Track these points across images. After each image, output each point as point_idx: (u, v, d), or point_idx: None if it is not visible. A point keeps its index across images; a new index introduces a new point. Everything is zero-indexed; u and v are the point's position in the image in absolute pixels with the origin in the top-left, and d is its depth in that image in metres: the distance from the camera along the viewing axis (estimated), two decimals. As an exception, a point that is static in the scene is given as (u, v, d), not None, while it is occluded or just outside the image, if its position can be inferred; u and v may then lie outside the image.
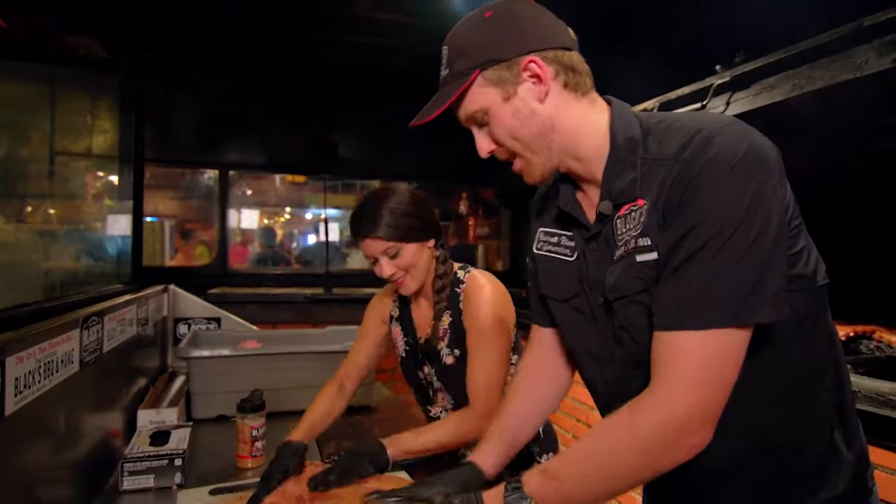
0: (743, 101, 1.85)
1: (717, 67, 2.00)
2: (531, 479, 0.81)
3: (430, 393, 1.53)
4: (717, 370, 0.73)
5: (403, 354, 1.57)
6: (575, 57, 0.87)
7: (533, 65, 0.83)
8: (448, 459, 1.41)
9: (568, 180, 0.94)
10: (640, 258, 0.80)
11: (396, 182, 1.46)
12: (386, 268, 1.38)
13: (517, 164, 0.91)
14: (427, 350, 1.50)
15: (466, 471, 1.05)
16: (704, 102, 1.98)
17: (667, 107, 2.19)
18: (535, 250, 1.04)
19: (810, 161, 1.74)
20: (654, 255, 0.78)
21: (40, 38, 1.86)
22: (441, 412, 1.53)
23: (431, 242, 1.43)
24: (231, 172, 4.12)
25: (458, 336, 1.43)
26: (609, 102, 0.90)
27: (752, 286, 0.71)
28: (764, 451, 0.84)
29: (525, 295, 1.80)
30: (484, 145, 0.91)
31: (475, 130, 0.91)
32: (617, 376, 0.90)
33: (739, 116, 1.79)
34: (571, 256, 0.94)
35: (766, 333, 0.78)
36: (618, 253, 0.83)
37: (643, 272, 0.79)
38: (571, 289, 0.94)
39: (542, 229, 1.02)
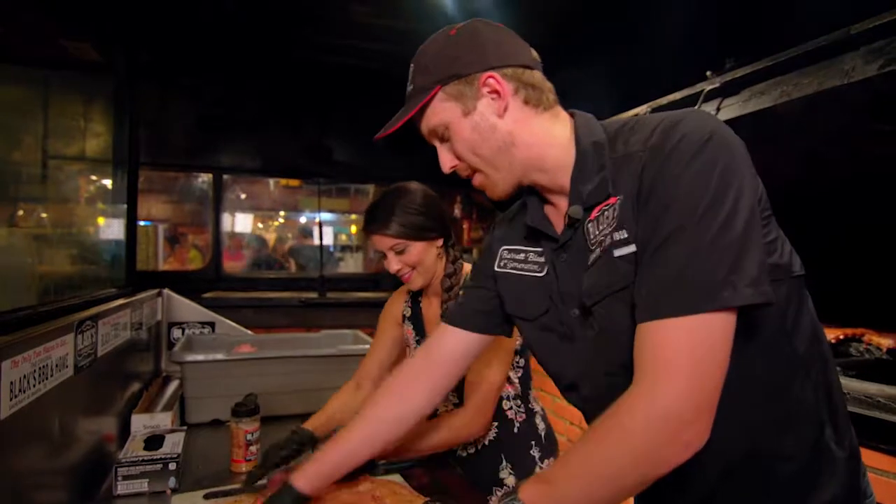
0: (733, 107, 1.87)
1: (708, 73, 2.03)
2: (527, 485, 0.79)
3: None
4: (701, 357, 0.69)
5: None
6: (536, 75, 0.89)
7: (492, 80, 0.85)
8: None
9: (535, 194, 0.95)
10: (617, 253, 0.79)
11: (409, 181, 1.49)
12: (393, 263, 1.43)
13: (477, 180, 0.92)
14: None
15: (284, 494, 1.03)
16: (695, 108, 2.01)
17: (658, 111, 2.21)
18: (496, 269, 1.04)
19: (798, 166, 1.77)
20: (632, 248, 0.77)
21: (33, 42, 1.86)
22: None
23: (440, 242, 1.47)
24: (225, 176, 4.12)
25: None
26: (572, 115, 0.91)
27: (730, 266, 0.69)
28: (752, 456, 0.82)
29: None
30: (446, 160, 0.93)
31: (438, 145, 0.93)
32: (596, 390, 0.87)
33: (729, 122, 1.81)
34: (541, 272, 0.93)
35: (749, 327, 0.77)
36: (592, 256, 0.83)
37: (623, 267, 0.78)
38: (541, 306, 0.93)
39: (504, 247, 1.03)
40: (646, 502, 0.99)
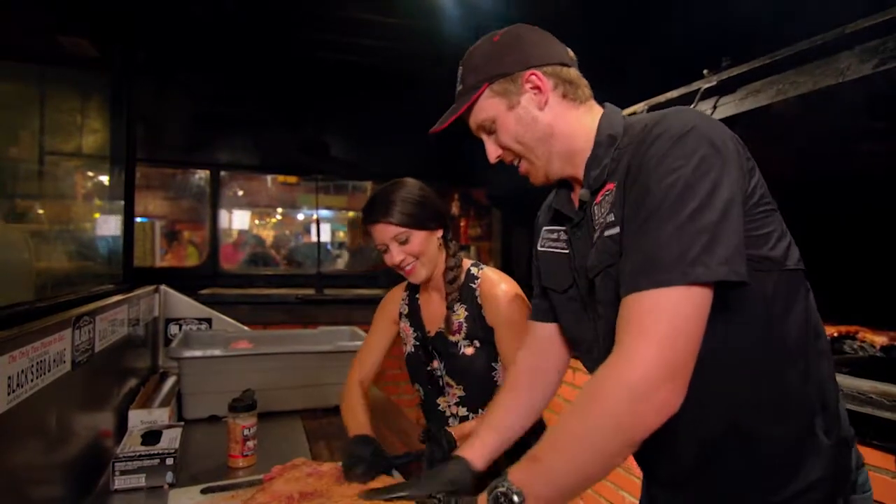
0: (729, 105, 1.88)
1: (705, 72, 2.04)
2: (516, 466, 0.82)
3: (441, 385, 1.55)
4: (673, 325, 0.73)
5: (412, 349, 1.59)
6: (573, 72, 0.99)
7: (534, 77, 0.95)
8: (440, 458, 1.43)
9: (565, 185, 1.04)
10: (607, 233, 0.87)
11: (405, 177, 1.50)
12: (396, 254, 1.43)
13: (523, 167, 1.02)
14: (437, 343, 1.52)
15: (457, 466, 1.09)
16: (692, 106, 2.01)
17: (655, 110, 2.22)
18: (538, 248, 1.13)
19: (794, 163, 1.78)
20: (616, 230, 0.85)
21: (31, 38, 1.86)
22: (450, 405, 1.54)
23: (440, 233, 1.49)
24: (222, 173, 4.12)
25: (477, 329, 1.46)
26: (604, 107, 1.00)
27: (703, 247, 0.74)
28: (738, 436, 0.86)
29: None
30: (492, 151, 1.02)
31: (485, 138, 1.02)
32: (606, 352, 0.90)
33: (726, 120, 1.82)
34: (566, 249, 1.02)
35: (734, 311, 0.81)
36: (595, 236, 0.92)
37: (610, 246, 0.86)
38: (567, 279, 1.02)
39: (545, 228, 1.12)
40: (645, 472, 1.05)
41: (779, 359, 0.85)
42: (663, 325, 0.73)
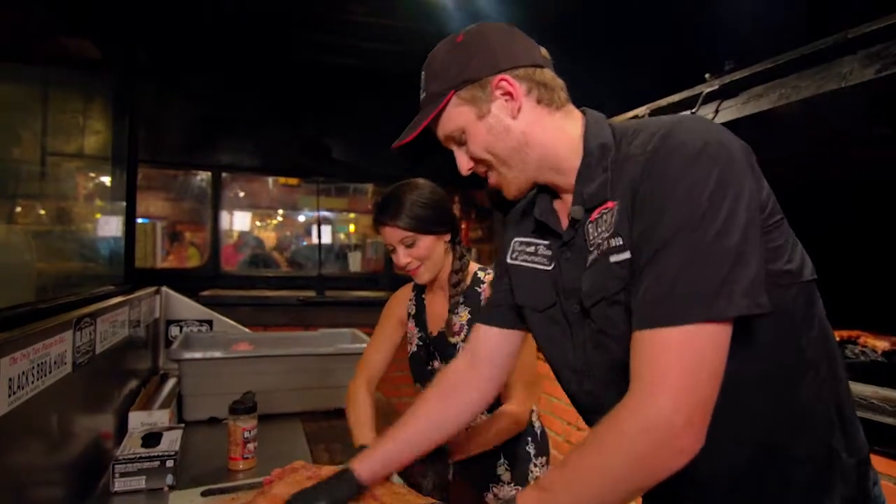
0: (731, 109, 1.88)
1: (707, 76, 2.04)
2: (526, 493, 0.79)
3: None
4: (696, 367, 0.69)
5: (415, 349, 1.60)
6: (547, 74, 0.90)
7: (504, 83, 0.87)
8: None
9: (546, 191, 0.96)
10: (613, 259, 0.80)
11: (418, 178, 1.52)
12: (402, 256, 1.46)
13: (493, 179, 0.94)
14: (438, 344, 1.52)
15: (344, 480, 1.02)
16: (694, 110, 2.01)
17: (657, 114, 2.21)
18: (508, 261, 1.05)
19: (795, 168, 1.77)
20: (626, 255, 0.78)
21: (33, 39, 1.86)
22: None
23: (447, 237, 1.50)
24: (224, 174, 4.12)
25: None
26: (584, 113, 0.92)
27: (725, 276, 0.69)
28: (767, 457, 0.81)
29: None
30: (463, 163, 0.94)
31: (455, 149, 0.94)
32: (597, 385, 0.87)
33: (727, 124, 1.81)
34: (549, 265, 0.95)
35: (758, 330, 0.76)
36: (591, 258, 0.84)
37: (618, 272, 0.79)
38: (548, 298, 0.94)
39: (516, 239, 1.04)
40: (660, 501, 0.98)
41: (801, 371, 0.81)
42: (682, 369, 0.69)
